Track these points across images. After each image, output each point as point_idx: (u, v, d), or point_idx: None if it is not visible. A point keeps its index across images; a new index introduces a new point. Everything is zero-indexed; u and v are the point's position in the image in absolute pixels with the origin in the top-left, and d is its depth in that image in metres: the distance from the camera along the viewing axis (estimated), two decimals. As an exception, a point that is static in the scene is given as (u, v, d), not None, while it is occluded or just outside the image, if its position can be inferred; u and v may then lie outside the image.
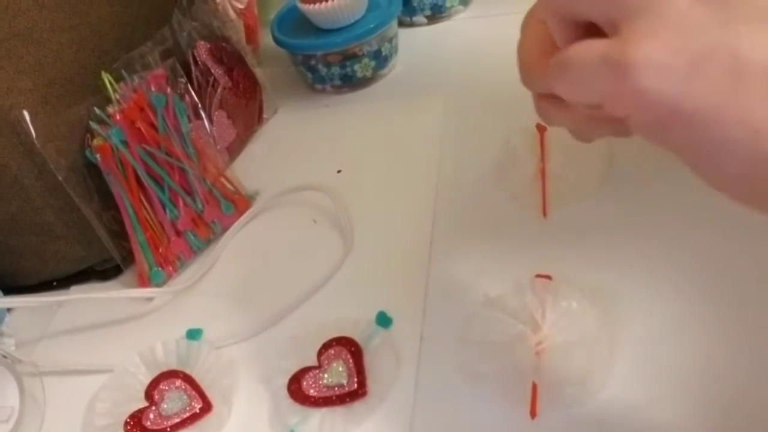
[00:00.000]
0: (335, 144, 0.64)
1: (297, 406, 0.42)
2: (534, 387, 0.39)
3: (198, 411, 0.44)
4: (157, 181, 0.54)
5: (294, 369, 0.44)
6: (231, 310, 0.51)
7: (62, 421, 0.47)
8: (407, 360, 0.44)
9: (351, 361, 0.44)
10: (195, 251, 0.57)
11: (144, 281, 0.55)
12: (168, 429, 0.44)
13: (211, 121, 0.61)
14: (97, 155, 0.52)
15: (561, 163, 0.52)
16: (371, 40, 0.67)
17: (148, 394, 0.45)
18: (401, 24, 0.74)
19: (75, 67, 0.52)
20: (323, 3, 0.64)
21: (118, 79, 0.54)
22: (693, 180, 0.27)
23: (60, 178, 0.51)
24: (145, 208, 0.54)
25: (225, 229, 0.58)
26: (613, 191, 0.50)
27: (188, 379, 0.46)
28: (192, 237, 0.56)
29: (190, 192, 0.56)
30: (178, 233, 0.56)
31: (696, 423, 0.36)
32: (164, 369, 0.47)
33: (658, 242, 0.46)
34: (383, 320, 0.46)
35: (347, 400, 0.42)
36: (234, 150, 0.65)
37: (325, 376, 0.43)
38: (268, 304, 0.50)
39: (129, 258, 0.56)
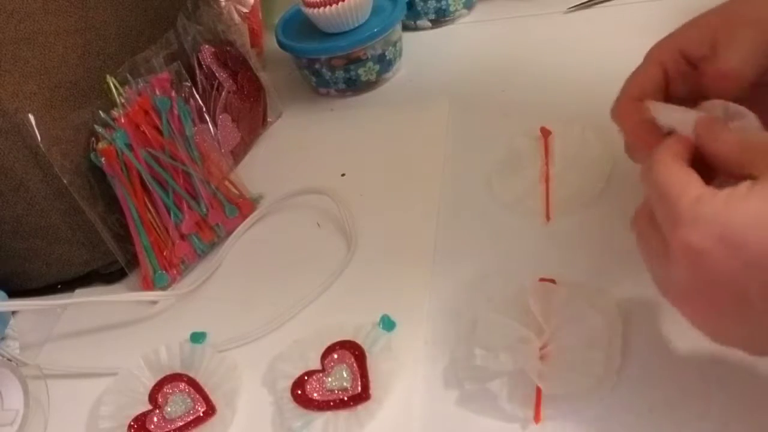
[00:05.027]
0: (339, 147, 0.64)
1: (300, 410, 0.42)
2: (538, 391, 0.39)
3: (202, 414, 0.44)
4: (162, 185, 0.55)
5: (298, 373, 0.44)
6: (235, 314, 0.52)
7: (66, 424, 0.48)
8: (411, 364, 0.44)
9: (355, 364, 0.44)
10: (199, 254, 0.57)
11: (148, 284, 0.55)
12: (172, 432, 0.44)
13: (215, 124, 0.61)
14: (102, 159, 0.52)
15: (564, 167, 0.52)
16: (375, 44, 0.67)
17: (152, 398, 0.45)
18: (405, 28, 0.74)
19: (80, 70, 0.52)
20: (328, 7, 0.64)
21: (123, 82, 0.54)
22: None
23: (65, 182, 0.51)
24: (150, 212, 0.54)
25: (229, 233, 0.58)
26: (616, 195, 0.50)
27: (192, 383, 0.46)
28: (196, 240, 0.56)
29: (194, 195, 0.56)
30: (182, 236, 0.56)
31: (700, 429, 0.36)
32: (168, 372, 0.47)
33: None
34: (387, 324, 0.46)
35: (351, 404, 0.42)
36: (238, 153, 0.65)
37: (329, 379, 0.43)
38: (272, 307, 0.50)
39: (133, 261, 0.56)
